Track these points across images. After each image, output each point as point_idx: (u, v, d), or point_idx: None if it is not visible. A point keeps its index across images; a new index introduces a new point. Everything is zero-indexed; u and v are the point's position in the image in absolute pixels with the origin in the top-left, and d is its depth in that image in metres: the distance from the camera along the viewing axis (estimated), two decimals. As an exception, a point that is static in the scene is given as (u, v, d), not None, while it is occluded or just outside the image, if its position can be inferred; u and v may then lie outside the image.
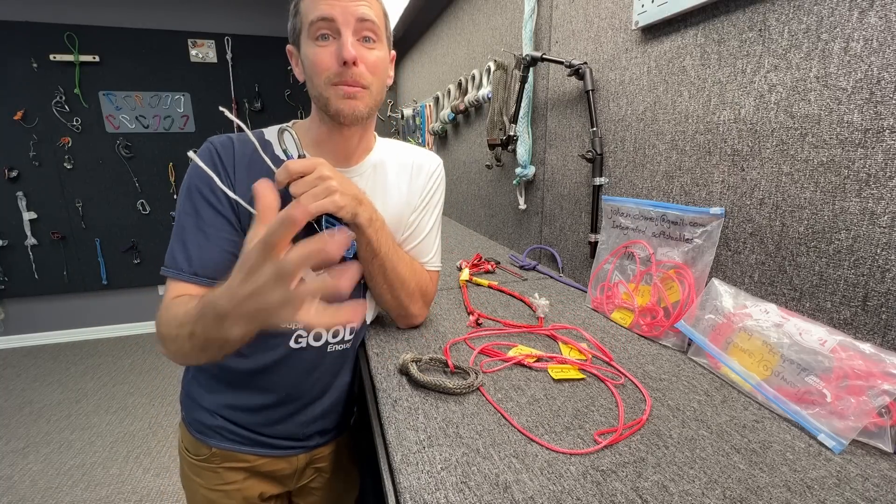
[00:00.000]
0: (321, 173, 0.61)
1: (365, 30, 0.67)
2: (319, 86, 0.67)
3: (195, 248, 0.65)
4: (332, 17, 0.64)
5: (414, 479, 0.48)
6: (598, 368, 0.71)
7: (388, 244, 0.72)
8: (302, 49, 0.69)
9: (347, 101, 0.67)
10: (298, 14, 0.68)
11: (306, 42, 0.67)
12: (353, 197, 0.65)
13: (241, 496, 0.82)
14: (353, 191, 0.65)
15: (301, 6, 0.67)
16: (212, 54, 3.32)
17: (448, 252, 1.54)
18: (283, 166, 0.60)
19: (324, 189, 0.61)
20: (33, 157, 3.10)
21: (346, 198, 0.63)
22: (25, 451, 2.15)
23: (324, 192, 0.61)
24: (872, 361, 0.54)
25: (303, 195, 0.60)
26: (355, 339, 0.82)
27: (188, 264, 0.65)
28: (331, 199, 0.61)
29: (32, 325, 3.39)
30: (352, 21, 0.65)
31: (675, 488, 0.47)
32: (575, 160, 1.18)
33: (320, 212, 0.61)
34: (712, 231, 0.77)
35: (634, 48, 0.94)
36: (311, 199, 0.60)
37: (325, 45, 0.66)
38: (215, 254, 0.66)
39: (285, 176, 0.60)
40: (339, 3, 0.64)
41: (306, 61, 0.68)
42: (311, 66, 0.67)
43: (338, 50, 0.65)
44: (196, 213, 0.66)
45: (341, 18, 0.65)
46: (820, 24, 0.61)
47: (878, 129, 0.55)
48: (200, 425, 0.80)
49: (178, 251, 0.66)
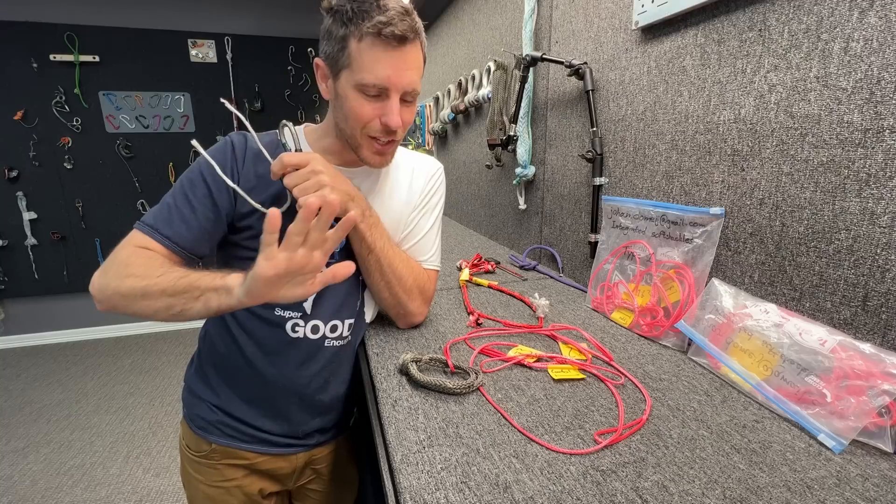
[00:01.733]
0: (314, 167, 0.64)
1: (408, 95, 0.69)
2: (355, 130, 0.69)
3: (178, 215, 0.68)
4: (386, 87, 0.66)
5: (414, 479, 0.48)
6: (598, 368, 0.71)
7: (383, 240, 0.74)
8: (340, 84, 0.68)
9: (378, 157, 0.72)
10: (346, 52, 0.65)
11: (349, 85, 0.67)
12: (345, 192, 0.67)
13: (241, 493, 0.82)
14: (344, 186, 0.67)
15: (352, 49, 0.64)
16: (212, 54, 3.32)
17: (448, 252, 1.54)
18: (278, 158, 0.63)
19: (315, 183, 0.63)
20: (33, 157, 3.10)
21: (336, 192, 0.64)
22: (25, 451, 2.15)
23: (314, 185, 0.63)
24: (872, 361, 0.54)
25: (294, 188, 0.63)
26: (354, 338, 0.82)
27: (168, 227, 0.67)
28: (321, 192, 0.63)
29: (32, 325, 3.39)
30: (401, 90, 0.67)
31: (675, 488, 0.47)
32: (575, 160, 1.18)
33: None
34: (712, 231, 0.77)
35: (634, 48, 0.94)
36: (302, 193, 0.63)
37: (371, 102, 0.67)
38: (194, 227, 0.68)
39: (280, 167, 0.63)
40: (396, 75, 0.65)
41: (345, 102, 0.68)
42: (353, 114, 0.68)
43: (384, 113, 0.67)
44: (192, 188, 0.69)
45: (394, 88, 0.66)
46: (820, 24, 0.61)
47: (878, 129, 0.55)
48: (201, 420, 0.80)
49: (162, 212, 0.69)
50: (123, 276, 0.61)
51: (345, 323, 0.79)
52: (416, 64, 0.68)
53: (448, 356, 0.72)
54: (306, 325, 0.76)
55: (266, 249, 0.49)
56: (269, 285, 0.51)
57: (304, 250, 0.50)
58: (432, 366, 0.72)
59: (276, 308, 0.75)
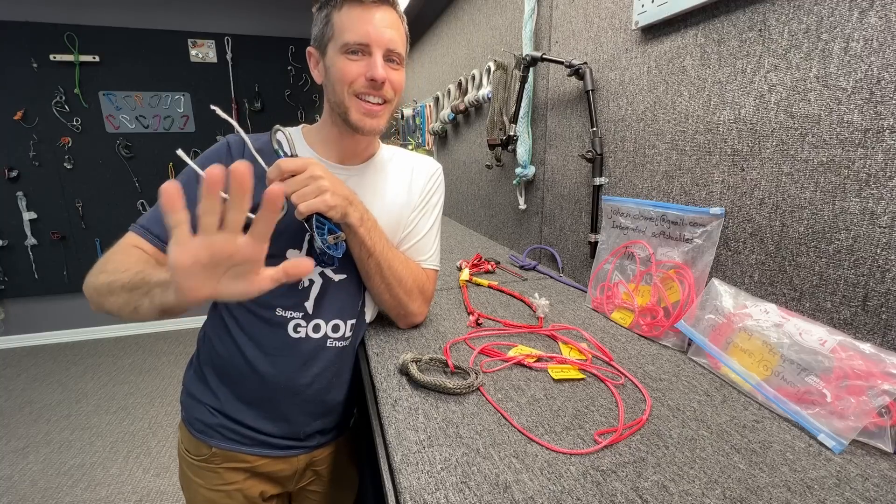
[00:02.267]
0: (312, 173, 0.63)
1: (392, 53, 0.72)
2: (342, 94, 0.71)
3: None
4: (367, 43, 0.69)
5: (414, 479, 0.48)
6: (598, 368, 0.71)
7: (382, 243, 0.74)
8: (328, 57, 0.72)
9: (369, 118, 0.72)
10: (330, 25, 0.71)
11: (335, 53, 0.71)
12: (344, 197, 0.66)
13: (242, 496, 0.82)
14: (343, 191, 0.67)
15: (334, 19, 0.70)
16: (212, 54, 3.32)
17: (448, 252, 1.54)
18: (275, 164, 0.62)
19: (315, 188, 0.62)
20: (33, 157, 3.10)
21: (336, 197, 0.64)
22: (25, 451, 2.15)
23: (314, 191, 0.62)
24: (872, 361, 0.54)
25: (293, 194, 0.62)
26: (354, 338, 0.82)
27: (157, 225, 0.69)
28: (321, 198, 0.62)
29: (32, 325, 3.39)
30: (383, 46, 0.70)
31: (675, 488, 0.47)
32: (575, 160, 1.18)
33: (311, 211, 0.63)
34: (712, 231, 0.77)
35: (634, 48, 0.94)
36: (301, 199, 0.62)
37: (355, 60, 0.70)
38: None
39: (276, 174, 0.62)
40: (374, 30, 0.69)
41: (332, 69, 0.71)
42: (339, 75, 0.70)
43: (368, 68, 0.70)
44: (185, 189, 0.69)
45: (374, 43, 0.69)
46: (820, 24, 0.61)
47: (878, 129, 0.55)
48: (201, 424, 0.80)
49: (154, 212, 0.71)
50: (99, 272, 0.62)
51: (347, 323, 0.79)
52: (394, 24, 0.72)
53: (448, 356, 0.72)
54: (308, 325, 0.76)
55: (174, 233, 0.41)
56: (191, 276, 0.42)
57: (225, 235, 0.42)
58: (432, 366, 0.72)
59: (277, 308, 0.75)
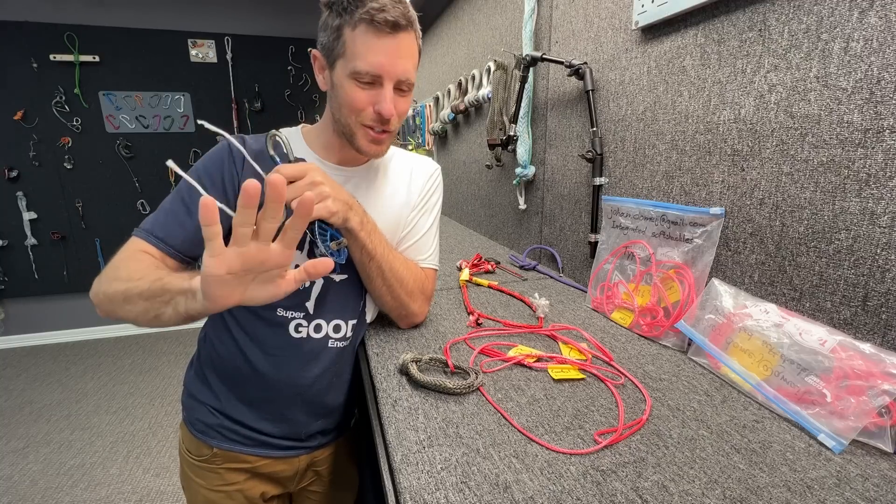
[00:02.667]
0: (312, 179, 0.62)
1: (402, 84, 0.69)
2: (349, 119, 0.70)
3: (173, 218, 0.69)
4: (379, 75, 0.66)
5: (414, 479, 0.48)
6: (598, 368, 0.71)
7: (382, 245, 0.73)
8: (336, 74, 0.69)
9: (374, 145, 0.72)
10: (341, 41, 0.66)
11: (344, 75, 0.67)
12: (344, 202, 0.66)
13: (243, 496, 0.82)
14: (343, 196, 0.67)
15: (346, 37, 0.65)
16: (212, 54, 3.32)
17: (448, 252, 1.54)
18: (274, 170, 0.61)
19: (316, 195, 0.62)
20: (33, 157, 3.10)
21: (337, 203, 0.64)
22: (25, 451, 2.15)
23: (316, 197, 0.62)
24: (872, 361, 0.54)
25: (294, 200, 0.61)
26: (355, 338, 0.82)
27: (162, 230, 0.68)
28: (323, 204, 0.62)
29: (32, 325, 3.39)
30: (394, 78, 0.67)
31: (675, 488, 0.47)
32: (575, 160, 1.18)
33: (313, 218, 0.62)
34: (712, 231, 0.77)
35: (634, 48, 0.94)
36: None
37: (365, 89, 0.67)
38: (189, 228, 0.69)
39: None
40: (388, 62, 0.65)
41: (340, 90, 0.68)
42: (347, 101, 0.68)
43: (377, 101, 0.67)
44: (188, 190, 0.69)
45: (387, 76, 0.66)
46: (820, 24, 0.61)
47: (878, 129, 0.55)
48: (202, 424, 0.80)
49: (158, 216, 0.70)
50: (111, 279, 0.62)
51: (348, 323, 0.79)
52: (409, 53, 0.68)
53: (448, 356, 0.72)
54: (309, 325, 0.76)
55: (209, 245, 0.43)
56: (224, 285, 0.45)
57: (258, 243, 0.44)
58: (432, 366, 0.72)
59: (279, 308, 0.74)
